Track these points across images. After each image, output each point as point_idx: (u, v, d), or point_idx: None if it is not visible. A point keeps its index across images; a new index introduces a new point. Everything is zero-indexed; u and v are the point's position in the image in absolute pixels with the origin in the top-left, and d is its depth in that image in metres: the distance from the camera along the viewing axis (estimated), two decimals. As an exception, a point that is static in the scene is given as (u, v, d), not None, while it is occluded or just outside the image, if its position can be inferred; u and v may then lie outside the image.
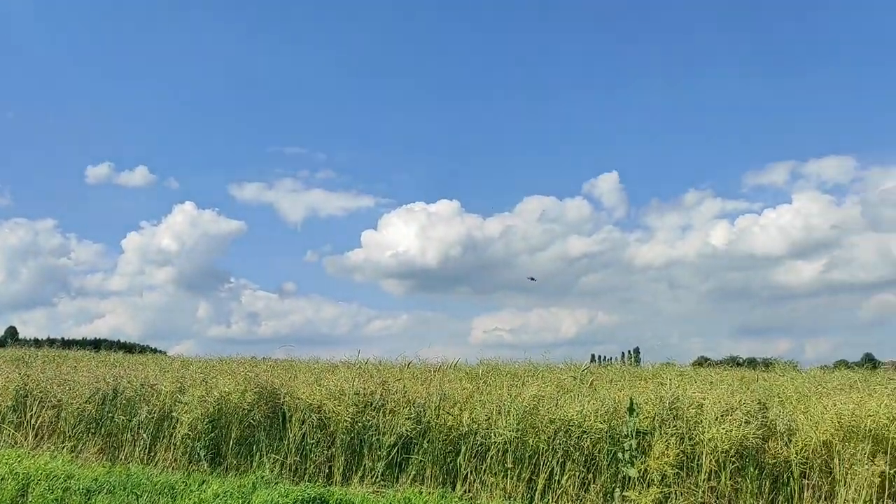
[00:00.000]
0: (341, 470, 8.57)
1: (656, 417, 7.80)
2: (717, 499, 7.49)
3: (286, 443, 8.85)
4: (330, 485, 8.45)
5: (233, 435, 9.08)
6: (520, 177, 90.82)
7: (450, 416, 8.39)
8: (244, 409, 9.07)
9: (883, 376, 11.22)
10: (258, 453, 8.93)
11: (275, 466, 8.74)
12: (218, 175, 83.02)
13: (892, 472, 7.19)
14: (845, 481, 7.30)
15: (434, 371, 10.09)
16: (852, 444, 7.35)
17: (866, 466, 7.15)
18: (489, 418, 8.26)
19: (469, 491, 8.12)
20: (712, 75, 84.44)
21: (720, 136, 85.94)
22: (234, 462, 9.02)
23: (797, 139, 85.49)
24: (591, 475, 7.86)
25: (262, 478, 8.45)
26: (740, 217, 78.61)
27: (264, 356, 14.89)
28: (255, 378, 9.34)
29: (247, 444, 9.08)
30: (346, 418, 8.58)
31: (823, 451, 7.46)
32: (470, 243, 75.71)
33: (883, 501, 7.22)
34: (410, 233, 74.02)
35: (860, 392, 8.14)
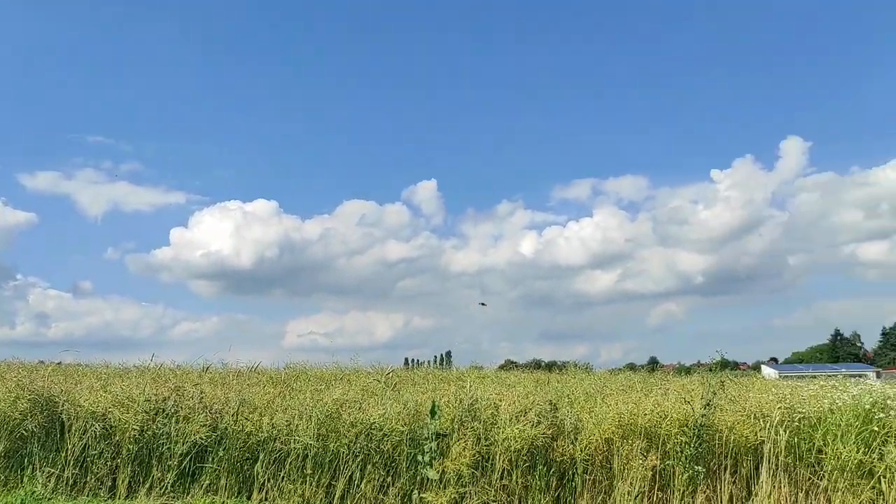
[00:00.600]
0: (126, 482, 7.98)
1: (456, 419, 7.96)
2: (509, 496, 7.78)
3: (64, 455, 8.09)
4: (113, 498, 7.87)
5: (0, 448, 8.14)
6: (340, 180, 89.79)
7: (248, 422, 8.05)
8: (15, 419, 8.16)
9: (659, 378, 12.29)
10: (30, 467, 8.10)
11: (49, 481, 7.95)
12: (5, 161, 74.03)
13: (662, 466, 7.86)
14: (623, 476, 7.87)
15: (234, 375, 9.66)
16: (629, 441, 7.93)
17: (640, 461, 7.75)
18: (290, 423, 8.03)
19: (266, 499, 7.88)
20: (527, 89, 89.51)
21: (532, 150, 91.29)
22: (2, 477, 8.11)
23: (599, 157, 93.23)
24: (390, 478, 7.89)
25: (33, 493, 7.74)
26: (547, 228, 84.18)
27: (52, 360, 13.52)
28: (30, 384, 8.43)
29: (17, 457, 8.21)
30: (135, 426, 7.99)
31: (605, 448, 7.98)
32: (287, 245, 73.88)
33: (654, 493, 7.87)
34: (224, 232, 70.52)
35: (638, 393, 8.82)
